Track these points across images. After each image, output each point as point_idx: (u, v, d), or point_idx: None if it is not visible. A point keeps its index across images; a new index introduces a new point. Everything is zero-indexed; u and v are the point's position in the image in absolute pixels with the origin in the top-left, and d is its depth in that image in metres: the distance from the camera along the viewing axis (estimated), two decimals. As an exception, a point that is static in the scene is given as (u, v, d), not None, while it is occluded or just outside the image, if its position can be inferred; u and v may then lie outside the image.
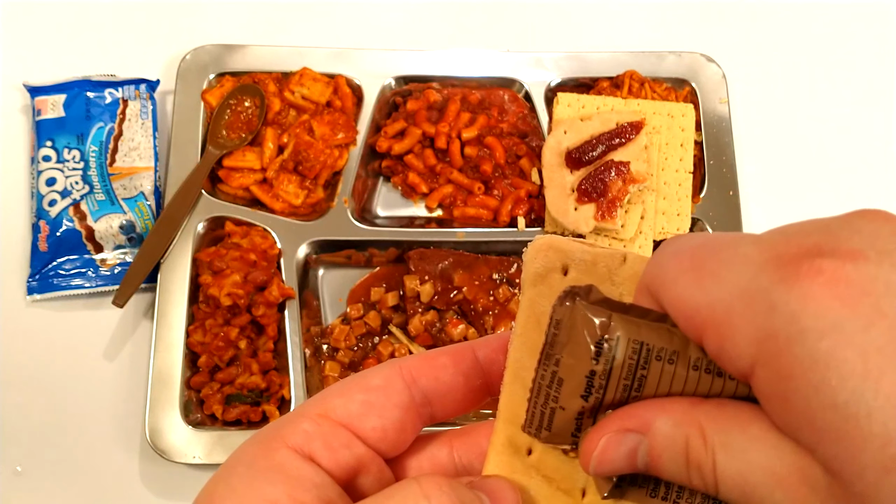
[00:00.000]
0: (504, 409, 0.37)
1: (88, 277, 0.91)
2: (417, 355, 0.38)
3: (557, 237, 0.37)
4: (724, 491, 0.28)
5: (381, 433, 0.36)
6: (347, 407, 0.35)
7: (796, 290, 0.25)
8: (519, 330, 0.37)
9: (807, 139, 1.03)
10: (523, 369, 0.37)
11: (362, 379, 0.37)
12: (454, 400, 0.38)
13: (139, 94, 0.96)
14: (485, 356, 0.38)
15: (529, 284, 0.37)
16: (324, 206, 0.95)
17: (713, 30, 1.08)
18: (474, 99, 0.97)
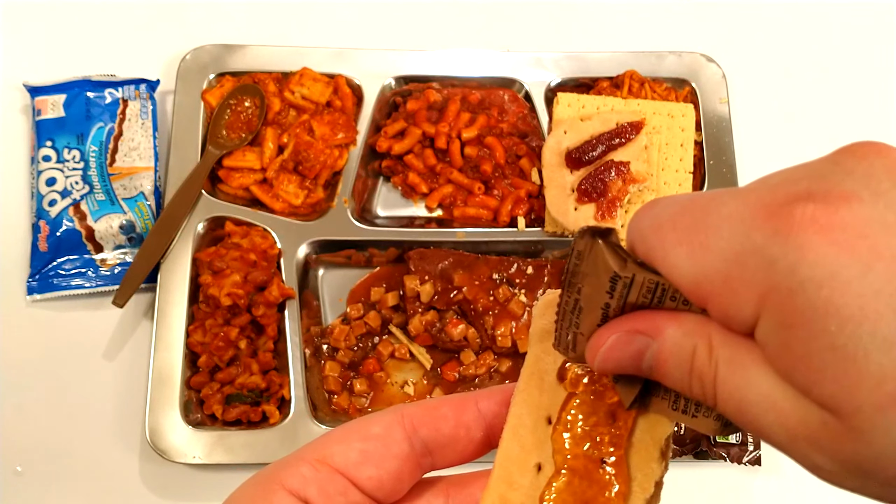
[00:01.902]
0: (499, 467, 0.37)
1: (88, 277, 0.91)
2: (419, 404, 0.38)
3: None
4: (721, 403, 0.28)
5: (378, 483, 0.36)
6: (346, 455, 0.36)
7: (792, 242, 0.25)
8: (522, 385, 0.37)
9: (807, 139, 1.03)
10: (522, 427, 0.37)
11: (363, 426, 0.37)
12: (454, 451, 0.38)
13: (139, 94, 0.96)
14: (487, 409, 0.38)
15: (536, 340, 0.37)
16: (324, 206, 0.95)
17: (713, 30, 1.08)
18: (474, 99, 0.97)
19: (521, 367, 0.38)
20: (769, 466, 0.88)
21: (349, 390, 0.91)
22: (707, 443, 0.85)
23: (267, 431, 0.85)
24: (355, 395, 0.90)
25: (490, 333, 0.89)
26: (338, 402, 0.90)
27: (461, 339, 0.90)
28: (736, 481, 0.89)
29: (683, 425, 0.37)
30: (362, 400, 0.90)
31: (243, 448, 0.83)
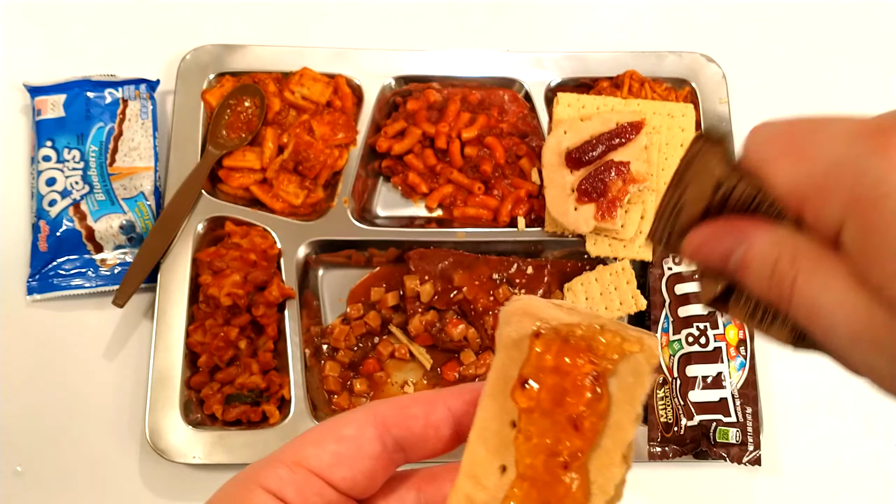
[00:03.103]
0: (465, 467, 0.38)
1: (88, 277, 0.91)
2: (390, 402, 0.40)
3: (535, 300, 0.38)
4: (795, 308, 0.31)
5: (352, 482, 0.38)
6: (320, 457, 0.38)
7: (884, 158, 0.27)
8: (488, 389, 0.39)
9: (807, 139, 1.03)
10: (487, 430, 0.38)
11: (336, 426, 0.39)
12: (425, 448, 0.40)
13: (139, 94, 0.96)
14: (456, 408, 0.40)
15: (502, 347, 0.38)
16: (324, 206, 0.95)
17: (713, 30, 1.08)
18: (474, 99, 0.97)
19: (489, 372, 0.39)
20: (769, 466, 0.88)
21: (349, 390, 0.91)
22: (707, 443, 0.85)
23: (267, 431, 0.85)
24: (355, 395, 0.90)
25: (490, 333, 0.89)
26: (338, 402, 0.90)
27: (461, 339, 0.90)
28: (736, 481, 0.89)
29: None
30: (362, 400, 0.90)
31: (243, 448, 0.83)
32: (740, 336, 0.87)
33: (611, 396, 0.37)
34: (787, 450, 0.90)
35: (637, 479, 0.90)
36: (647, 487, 0.88)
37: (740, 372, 0.86)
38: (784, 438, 0.91)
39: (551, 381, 0.37)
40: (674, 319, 0.88)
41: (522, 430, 0.37)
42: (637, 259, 0.91)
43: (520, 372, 0.38)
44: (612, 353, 0.37)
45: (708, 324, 0.87)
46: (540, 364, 0.37)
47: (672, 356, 0.87)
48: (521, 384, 0.37)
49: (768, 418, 0.89)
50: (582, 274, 0.92)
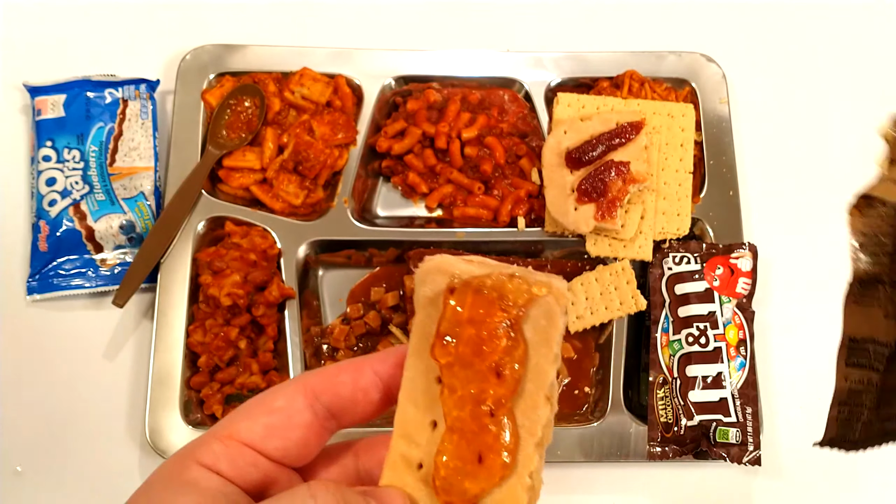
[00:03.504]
0: (398, 427, 0.40)
1: (88, 277, 0.91)
2: (318, 371, 0.42)
3: (447, 258, 0.40)
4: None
5: (284, 451, 0.40)
6: (252, 430, 0.39)
7: None
8: (411, 350, 0.40)
9: (807, 139, 1.03)
10: (415, 389, 0.40)
11: (267, 400, 0.40)
12: (355, 412, 0.42)
13: (139, 94, 0.96)
14: (382, 371, 0.42)
15: (420, 306, 0.40)
16: (324, 206, 0.95)
17: (713, 30, 1.08)
18: (474, 99, 0.97)
19: (410, 333, 0.40)
20: (769, 466, 0.88)
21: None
22: (707, 443, 0.85)
23: (267, 431, 0.84)
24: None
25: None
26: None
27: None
28: (736, 481, 0.89)
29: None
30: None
31: (243, 448, 0.83)
32: (740, 336, 0.87)
33: (527, 341, 0.38)
34: (787, 450, 0.90)
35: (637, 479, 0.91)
36: (647, 487, 0.88)
37: (740, 372, 0.86)
38: (784, 438, 0.91)
39: (468, 333, 0.38)
40: (674, 319, 0.88)
41: (447, 385, 0.39)
42: (637, 259, 0.91)
43: (437, 328, 0.39)
44: (522, 298, 0.38)
45: (708, 324, 0.87)
46: (455, 318, 0.38)
47: (672, 356, 0.87)
48: (440, 340, 0.38)
49: (768, 418, 0.89)
50: (582, 274, 0.92)
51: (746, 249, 0.90)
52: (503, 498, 0.38)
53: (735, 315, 0.88)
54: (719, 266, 0.89)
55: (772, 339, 0.94)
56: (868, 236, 0.98)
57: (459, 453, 0.38)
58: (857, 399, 0.91)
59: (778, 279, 0.96)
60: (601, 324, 0.90)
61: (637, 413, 0.88)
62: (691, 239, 0.93)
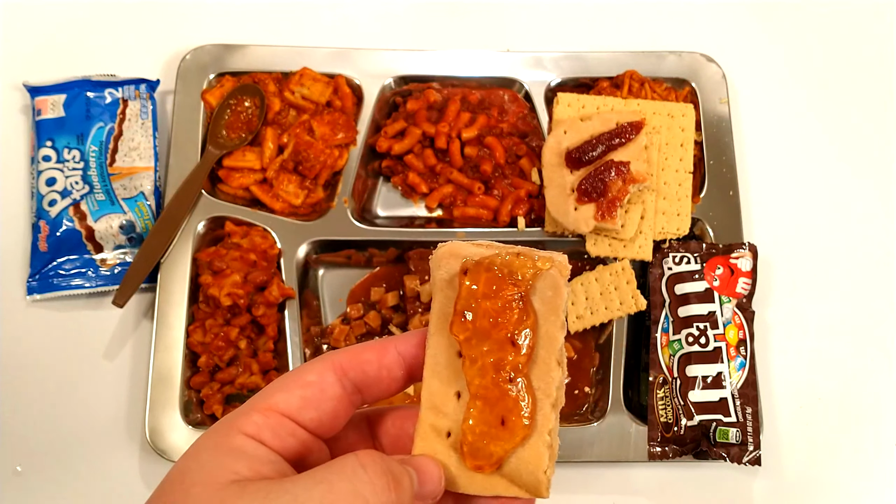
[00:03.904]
0: (425, 401, 0.44)
1: (88, 277, 0.91)
2: (345, 350, 0.45)
3: (458, 243, 0.44)
4: None
5: (318, 422, 0.42)
6: (289, 402, 0.42)
7: None
8: (432, 329, 0.44)
9: (807, 138, 1.03)
10: (438, 364, 0.44)
11: (299, 375, 0.43)
12: (380, 388, 0.45)
13: (139, 94, 0.96)
14: (405, 351, 0.45)
15: (437, 289, 0.44)
16: (324, 206, 0.95)
17: (713, 30, 1.08)
18: (474, 99, 0.97)
19: (430, 314, 0.44)
20: (769, 466, 0.88)
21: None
22: (707, 443, 0.85)
23: (267, 431, 0.84)
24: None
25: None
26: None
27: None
28: (736, 481, 0.89)
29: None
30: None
31: (243, 448, 0.83)
32: (740, 336, 0.87)
33: (536, 311, 0.43)
34: (787, 450, 0.90)
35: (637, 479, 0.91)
36: (647, 487, 0.88)
37: (740, 372, 0.86)
38: (784, 438, 0.91)
39: (483, 307, 0.42)
40: (674, 319, 0.88)
41: (467, 357, 0.43)
42: (637, 259, 0.91)
43: (455, 307, 0.43)
44: (529, 273, 0.42)
45: (708, 324, 0.87)
46: (471, 295, 0.42)
47: (672, 356, 0.87)
48: (458, 317, 0.42)
49: (768, 418, 0.89)
50: (582, 274, 0.92)
51: (746, 249, 0.90)
52: (526, 456, 0.43)
53: (735, 315, 0.88)
54: (719, 266, 0.89)
55: (772, 339, 0.94)
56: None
57: (484, 418, 0.42)
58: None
59: (778, 279, 0.96)
60: (601, 324, 0.90)
61: (637, 413, 0.88)
62: (691, 239, 0.93)
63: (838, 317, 0.96)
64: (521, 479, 0.43)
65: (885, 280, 0.97)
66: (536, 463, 0.42)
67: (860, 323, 0.95)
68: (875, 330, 0.95)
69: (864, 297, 0.97)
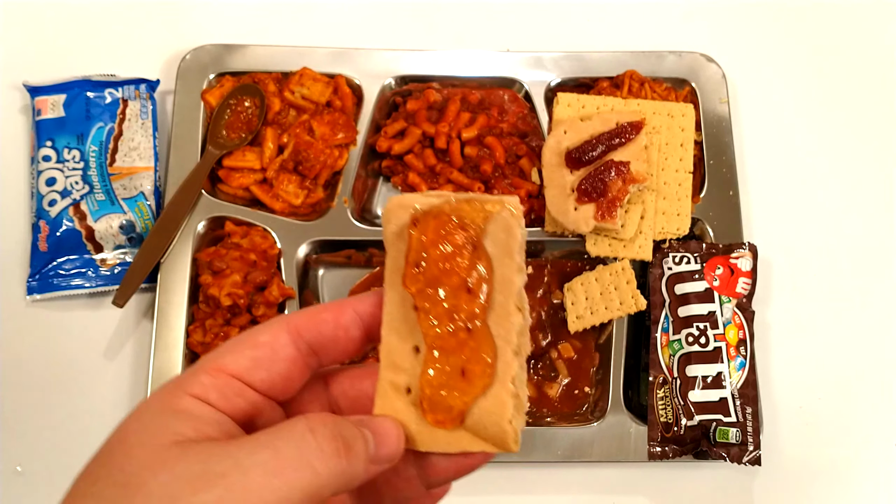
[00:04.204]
0: (384, 359, 0.43)
1: (88, 277, 0.91)
2: (301, 311, 0.43)
3: (407, 195, 0.43)
4: None
5: (270, 383, 0.41)
6: (238, 362, 0.40)
7: None
8: (387, 285, 0.43)
9: (807, 138, 1.03)
10: (394, 320, 0.43)
11: (251, 335, 0.42)
12: (336, 349, 0.43)
13: (139, 94, 0.96)
14: (363, 311, 0.44)
15: (389, 244, 0.43)
16: (324, 206, 0.95)
17: (713, 30, 1.08)
18: (474, 99, 0.97)
19: (384, 271, 0.43)
20: (769, 466, 0.88)
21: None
22: (707, 443, 0.85)
23: (267, 431, 0.84)
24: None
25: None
26: (338, 402, 0.90)
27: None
28: (736, 481, 0.89)
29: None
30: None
31: (243, 448, 0.83)
32: (740, 336, 0.87)
33: (489, 255, 0.41)
34: (788, 450, 0.90)
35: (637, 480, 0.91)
36: (647, 487, 0.88)
37: (740, 372, 0.86)
38: (784, 439, 0.91)
39: (433, 256, 0.41)
40: (674, 319, 0.88)
41: (422, 309, 0.41)
42: (637, 259, 0.91)
43: (406, 259, 0.41)
44: (479, 217, 0.41)
45: (708, 324, 0.87)
46: (421, 245, 0.41)
47: (672, 356, 0.87)
48: (410, 269, 0.41)
49: (768, 418, 0.89)
50: (582, 274, 0.92)
51: (746, 249, 0.90)
52: (488, 406, 0.41)
53: (735, 315, 0.88)
54: (719, 266, 0.89)
55: (772, 339, 0.94)
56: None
57: (442, 370, 0.41)
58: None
59: (778, 279, 0.96)
60: (601, 324, 0.90)
61: (637, 413, 0.88)
62: (691, 239, 0.93)
63: (838, 317, 0.96)
64: (486, 431, 0.41)
65: (886, 280, 0.97)
66: (500, 412, 0.41)
67: (860, 323, 0.95)
68: (875, 330, 0.95)
69: (865, 296, 0.97)
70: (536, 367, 0.92)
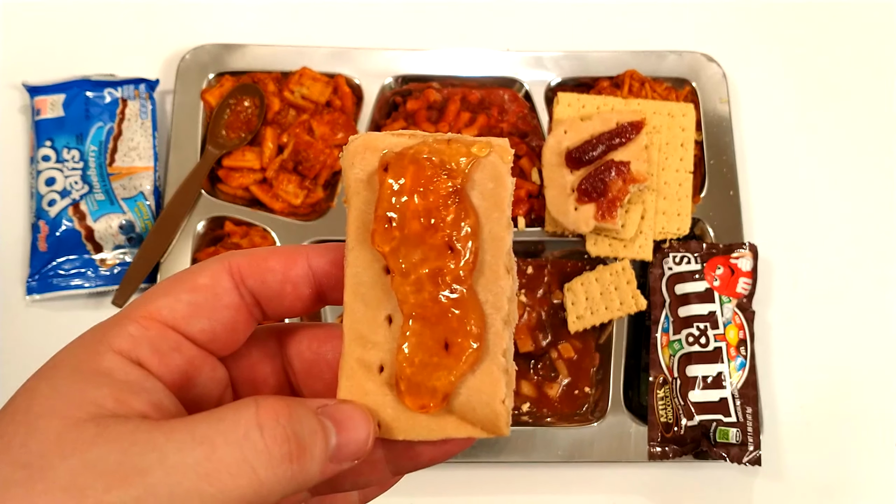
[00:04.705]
0: (348, 331, 0.36)
1: (88, 277, 0.91)
2: (247, 253, 0.36)
3: (373, 134, 0.36)
4: None
5: (212, 335, 0.35)
6: (174, 308, 0.34)
7: None
8: (351, 243, 0.36)
9: (807, 138, 1.03)
10: (361, 284, 0.35)
11: (188, 277, 0.35)
12: (282, 304, 0.37)
13: (138, 94, 0.96)
14: (318, 266, 0.37)
15: (353, 193, 0.36)
16: (323, 205, 0.94)
17: (713, 29, 1.08)
18: (474, 98, 0.97)
19: (346, 225, 0.36)
20: (769, 467, 0.88)
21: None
22: (707, 443, 0.85)
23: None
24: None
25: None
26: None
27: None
28: (736, 481, 0.89)
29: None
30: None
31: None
32: (740, 336, 0.87)
33: (476, 209, 0.35)
34: (788, 450, 0.90)
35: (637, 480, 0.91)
36: (647, 487, 0.88)
37: (740, 372, 0.86)
38: (784, 439, 0.90)
39: (411, 208, 0.34)
40: (674, 319, 0.88)
41: (396, 271, 0.34)
42: (637, 259, 0.91)
43: (375, 212, 0.34)
44: (464, 162, 0.34)
45: (708, 324, 0.87)
46: (394, 195, 0.34)
47: (672, 356, 0.87)
48: (380, 225, 0.34)
49: (768, 418, 0.89)
50: (582, 274, 0.92)
51: (747, 249, 0.90)
52: (478, 384, 0.35)
53: (735, 315, 0.87)
54: (719, 266, 0.89)
55: (772, 339, 0.94)
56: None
57: (423, 344, 0.34)
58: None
59: (778, 279, 0.96)
60: (601, 324, 0.90)
61: (637, 413, 0.87)
62: (691, 239, 0.92)
63: (839, 316, 0.95)
64: (475, 413, 0.35)
65: (886, 280, 0.97)
66: (491, 391, 0.34)
67: (861, 323, 0.95)
68: (875, 330, 0.95)
69: (865, 296, 0.96)
70: (536, 367, 0.92)
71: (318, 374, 0.38)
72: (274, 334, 0.39)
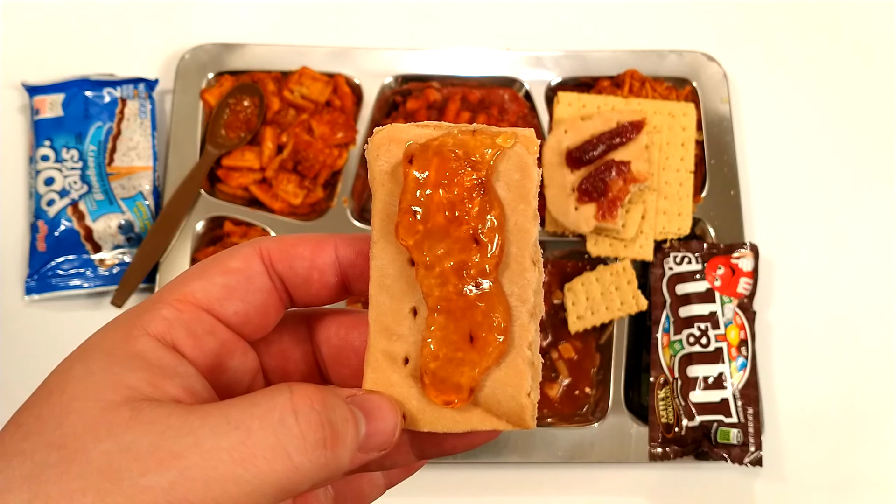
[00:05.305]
0: (373, 323, 0.36)
1: (87, 277, 0.91)
2: (277, 239, 0.37)
3: (399, 125, 0.36)
4: None
5: (244, 317, 0.35)
6: (208, 290, 0.34)
7: None
8: (376, 236, 0.36)
9: (808, 138, 1.03)
10: (386, 277, 0.36)
11: (221, 261, 0.36)
12: (308, 291, 0.37)
13: (138, 94, 0.96)
14: (344, 256, 0.37)
15: (378, 185, 0.36)
16: (323, 205, 0.94)
17: (714, 29, 1.07)
18: (474, 98, 0.97)
19: (371, 217, 0.36)
20: (770, 467, 0.88)
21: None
22: (708, 443, 0.84)
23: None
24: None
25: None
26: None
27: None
28: (736, 482, 0.89)
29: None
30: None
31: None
32: (741, 336, 0.87)
33: (501, 200, 0.35)
34: (789, 451, 0.90)
35: (638, 480, 0.91)
36: (647, 487, 0.88)
37: (741, 372, 0.86)
38: (785, 439, 0.90)
39: (436, 200, 0.34)
40: (675, 320, 0.88)
41: (421, 264, 0.34)
42: (638, 259, 0.90)
43: (399, 205, 0.35)
44: (489, 153, 0.34)
45: (709, 324, 0.86)
46: (419, 187, 0.34)
47: (673, 356, 0.87)
48: (405, 217, 0.34)
49: (769, 419, 0.89)
50: (582, 274, 0.92)
51: (748, 249, 0.90)
52: (503, 377, 0.35)
53: (736, 315, 0.87)
54: (720, 266, 0.89)
55: (773, 339, 0.94)
56: None
57: (447, 337, 0.34)
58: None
59: (779, 279, 0.96)
60: (602, 324, 0.90)
61: (638, 414, 0.87)
62: (692, 239, 0.92)
63: (840, 317, 0.95)
64: (500, 406, 0.35)
65: (886, 280, 0.97)
66: (517, 384, 0.35)
67: (861, 323, 0.95)
68: (876, 330, 0.95)
69: (866, 296, 0.96)
70: (537, 367, 0.92)
71: (344, 360, 0.39)
72: (304, 319, 0.39)
